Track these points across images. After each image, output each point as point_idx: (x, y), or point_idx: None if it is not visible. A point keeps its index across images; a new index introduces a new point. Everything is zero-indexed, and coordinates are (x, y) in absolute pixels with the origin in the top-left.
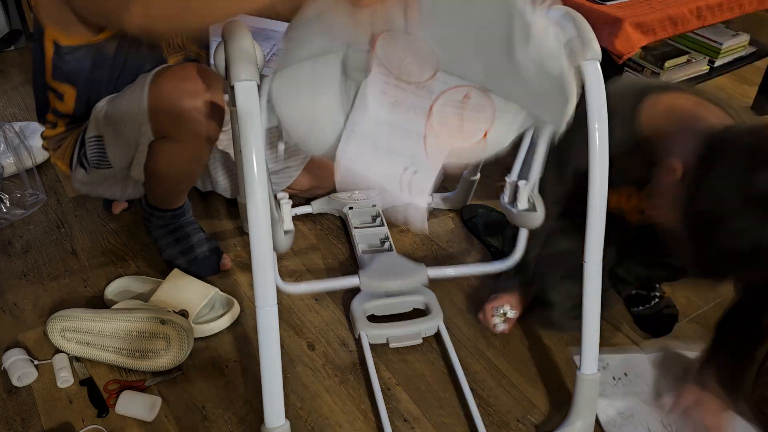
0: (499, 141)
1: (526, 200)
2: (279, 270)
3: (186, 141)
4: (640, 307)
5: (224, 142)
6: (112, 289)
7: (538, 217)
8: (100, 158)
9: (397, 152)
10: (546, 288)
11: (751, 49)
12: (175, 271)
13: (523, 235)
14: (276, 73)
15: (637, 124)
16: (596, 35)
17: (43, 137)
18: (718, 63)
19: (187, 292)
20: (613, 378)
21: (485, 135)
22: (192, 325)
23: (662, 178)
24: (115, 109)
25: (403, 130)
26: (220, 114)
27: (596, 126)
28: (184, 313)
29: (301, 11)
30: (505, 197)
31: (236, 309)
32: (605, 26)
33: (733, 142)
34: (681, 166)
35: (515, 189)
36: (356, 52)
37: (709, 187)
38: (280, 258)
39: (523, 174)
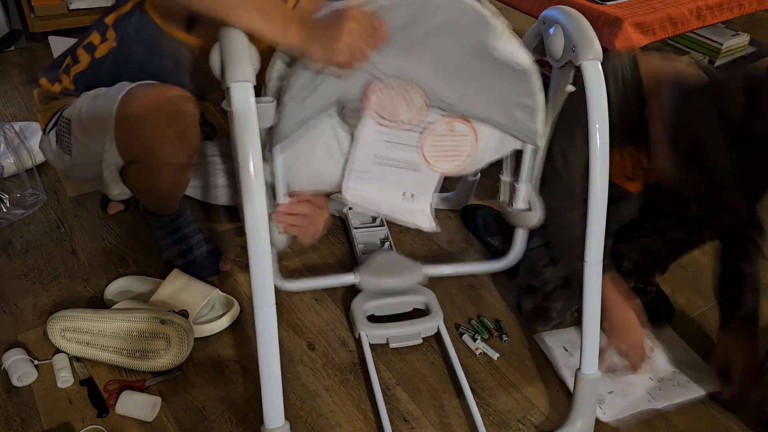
0: (477, 160)
1: (523, 200)
2: (279, 270)
3: (158, 168)
4: (637, 300)
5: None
6: (112, 289)
7: (535, 217)
8: (64, 141)
9: (395, 182)
10: (529, 277)
11: (751, 49)
12: (175, 271)
13: (519, 234)
14: (278, 146)
15: (639, 78)
16: (596, 35)
17: (38, 84)
18: (718, 63)
19: (187, 292)
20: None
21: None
22: (192, 325)
23: (653, 124)
24: (89, 110)
25: (398, 162)
26: (194, 140)
27: (596, 126)
28: (184, 313)
29: (291, 84)
30: (502, 196)
31: (236, 309)
32: (605, 26)
33: (698, 81)
34: (663, 108)
35: (512, 188)
36: (350, 107)
37: (682, 117)
38: (280, 258)
39: (518, 173)
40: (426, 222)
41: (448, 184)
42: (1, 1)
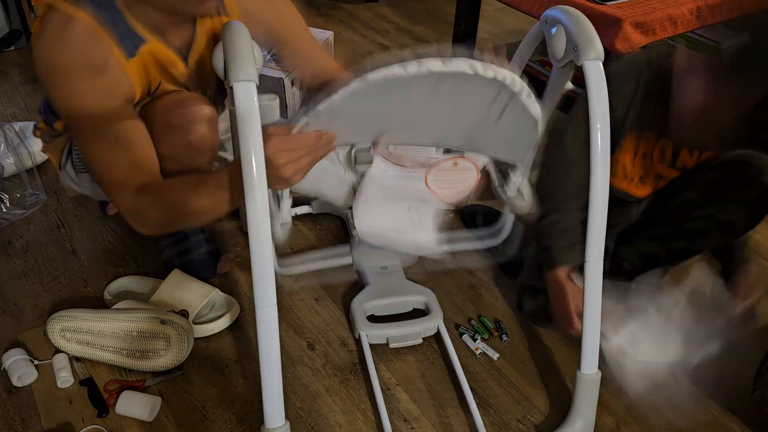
0: None
1: (513, 188)
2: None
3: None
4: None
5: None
6: (112, 289)
7: (524, 205)
8: (83, 164)
9: (404, 211)
10: (532, 277)
11: None
12: (175, 271)
13: (509, 217)
14: None
15: (669, 70)
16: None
17: (38, 127)
18: None
19: (187, 292)
20: None
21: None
22: (192, 325)
23: (686, 99)
24: None
25: (406, 191)
26: (214, 142)
27: (597, 126)
28: (184, 313)
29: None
30: (496, 181)
31: (236, 309)
32: (605, 26)
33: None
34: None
35: (504, 174)
36: (361, 150)
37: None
38: (280, 256)
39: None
40: (434, 248)
41: None
42: (1, 1)
